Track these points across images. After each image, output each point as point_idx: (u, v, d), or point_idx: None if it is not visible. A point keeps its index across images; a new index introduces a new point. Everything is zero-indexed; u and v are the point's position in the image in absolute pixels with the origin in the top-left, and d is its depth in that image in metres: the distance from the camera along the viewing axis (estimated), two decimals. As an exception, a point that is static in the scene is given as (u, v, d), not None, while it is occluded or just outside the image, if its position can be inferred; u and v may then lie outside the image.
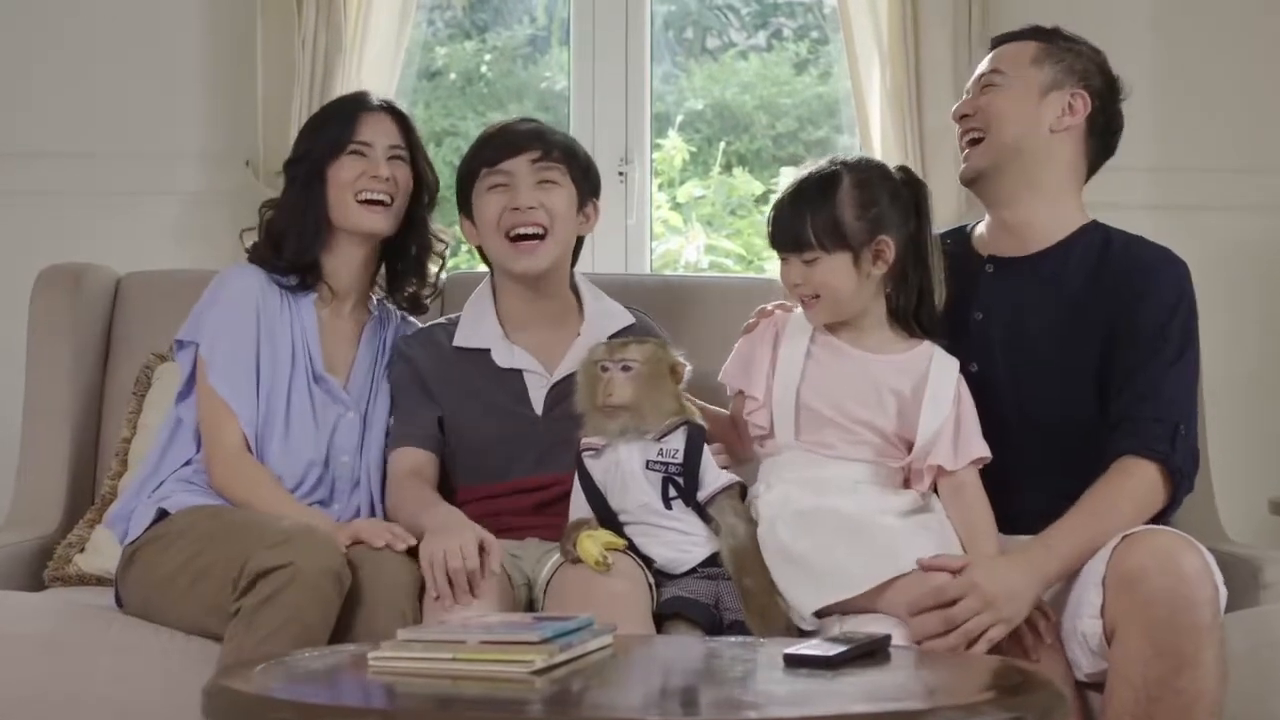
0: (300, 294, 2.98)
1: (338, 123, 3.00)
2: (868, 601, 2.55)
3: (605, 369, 2.70)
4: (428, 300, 3.12)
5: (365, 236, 2.99)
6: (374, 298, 3.09)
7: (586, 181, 2.98)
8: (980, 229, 2.91)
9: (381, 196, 2.96)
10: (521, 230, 2.90)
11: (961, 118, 2.85)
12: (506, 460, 2.91)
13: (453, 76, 4.37)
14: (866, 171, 2.69)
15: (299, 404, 2.93)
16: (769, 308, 2.84)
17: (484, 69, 4.37)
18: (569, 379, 2.87)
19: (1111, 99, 2.84)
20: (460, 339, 2.98)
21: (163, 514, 2.83)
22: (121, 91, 3.97)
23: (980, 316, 2.78)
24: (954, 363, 2.70)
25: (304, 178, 2.98)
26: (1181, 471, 2.65)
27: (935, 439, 2.65)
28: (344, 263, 3.01)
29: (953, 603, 2.49)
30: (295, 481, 2.90)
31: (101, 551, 3.11)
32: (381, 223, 2.98)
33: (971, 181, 2.85)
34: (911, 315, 2.71)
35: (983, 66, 2.87)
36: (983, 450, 2.67)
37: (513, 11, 4.34)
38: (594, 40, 4.05)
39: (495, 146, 2.94)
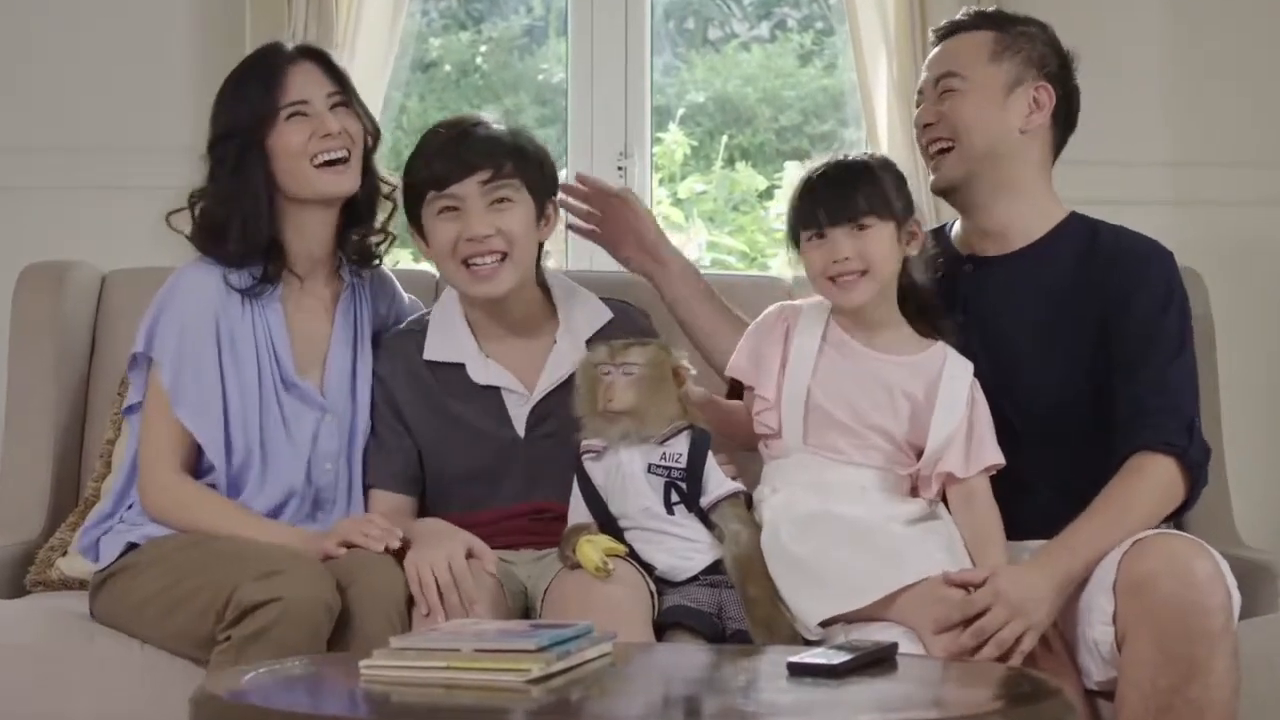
0: (264, 292, 2.84)
1: (262, 86, 2.82)
2: (875, 610, 2.54)
3: (606, 372, 2.68)
4: (381, 247, 2.97)
5: (329, 201, 2.86)
6: (341, 259, 2.95)
7: (543, 184, 2.86)
8: (957, 228, 2.92)
9: (340, 154, 2.82)
10: (477, 260, 2.80)
11: (925, 126, 2.84)
12: (489, 487, 2.86)
13: (447, 68, 4.37)
14: (883, 160, 2.77)
15: (270, 422, 2.83)
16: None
17: (479, 61, 4.38)
18: (550, 397, 2.85)
19: (1069, 79, 2.85)
20: (430, 351, 2.89)
21: (132, 545, 2.78)
22: (107, 84, 3.97)
23: (962, 319, 2.77)
24: (968, 366, 2.70)
25: (236, 155, 2.79)
26: (1199, 465, 2.65)
27: (946, 445, 2.64)
28: (308, 236, 2.87)
29: (980, 615, 2.50)
30: (271, 513, 2.81)
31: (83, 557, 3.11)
32: (347, 182, 2.84)
33: (945, 192, 2.85)
34: (925, 310, 2.71)
35: (936, 66, 2.85)
36: (996, 457, 2.66)
37: (509, 1, 4.35)
38: (592, 31, 4.05)
39: (443, 166, 2.80)
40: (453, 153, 2.81)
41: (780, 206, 4.20)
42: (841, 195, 2.65)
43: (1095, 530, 2.58)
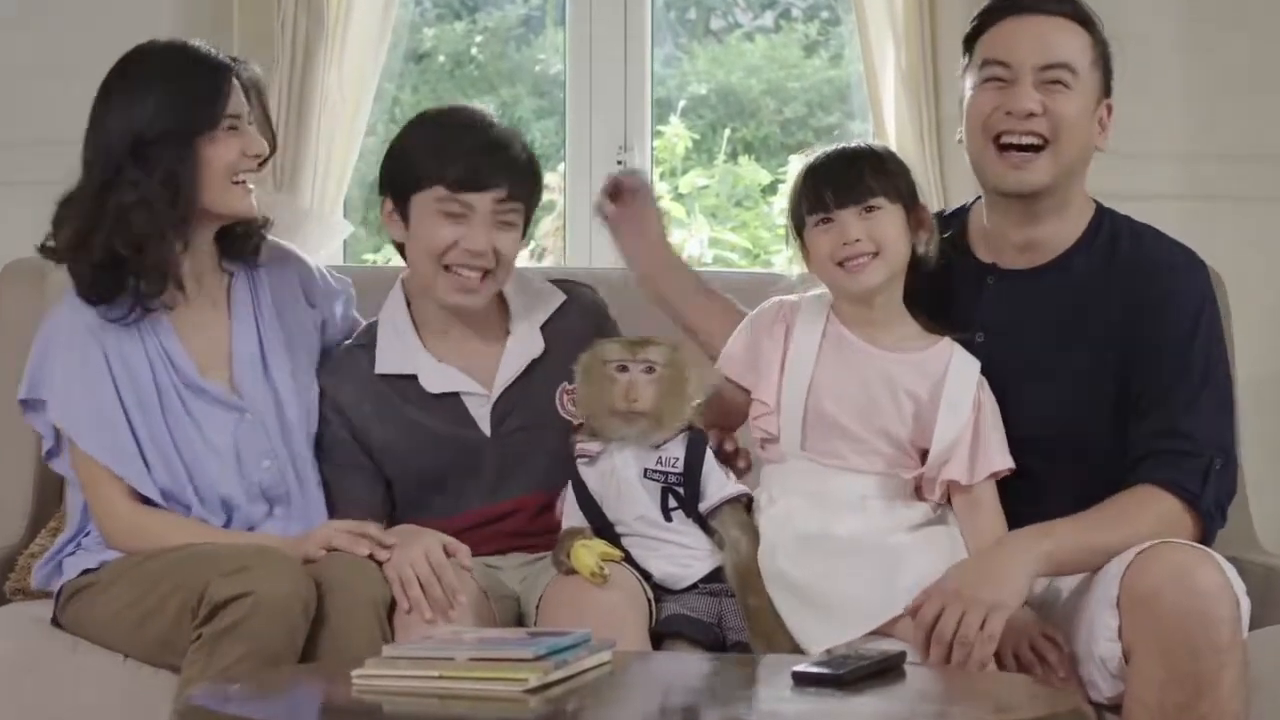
0: (144, 318, 2.78)
1: (208, 87, 2.75)
2: (881, 628, 2.54)
3: (624, 369, 2.66)
4: (259, 234, 2.90)
5: (232, 219, 2.82)
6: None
7: (535, 205, 2.88)
8: (979, 225, 2.80)
9: (255, 175, 2.81)
10: (463, 270, 2.80)
11: (1028, 115, 2.63)
12: (458, 492, 2.85)
13: (441, 59, 4.37)
14: (885, 148, 2.75)
15: (182, 432, 2.79)
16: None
17: (474, 51, 4.38)
18: (510, 391, 2.85)
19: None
20: (382, 364, 2.88)
21: (89, 570, 2.77)
22: (89, 75, 3.95)
23: (982, 338, 2.71)
24: (975, 364, 2.67)
25: (173, 159, 2.71)
26: (1211, 513, 2.60)
27: (951, 450, 2.62)
28: (199, 251, 2.82)
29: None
30: (219, 525, 2.80)
31: (66, 562, 3.10)
32: (254, 201, 2.82)
33: (1022, 196, 2.69)
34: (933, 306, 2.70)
35: (1045, 51, 2.65)
36: (1003, 462, 2.63)
37: (505, -10, 4.36)
38: (591, 21, 4.05)
39: (466, 170, 2.78)
40: (479, 160, 2.79)
41: (785, 202, 4.20)
42: (849, 177, 2.63)
43: (1079, 524, 2.54)
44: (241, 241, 2.90)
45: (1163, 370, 2.64)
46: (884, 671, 2.23)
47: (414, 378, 2.87)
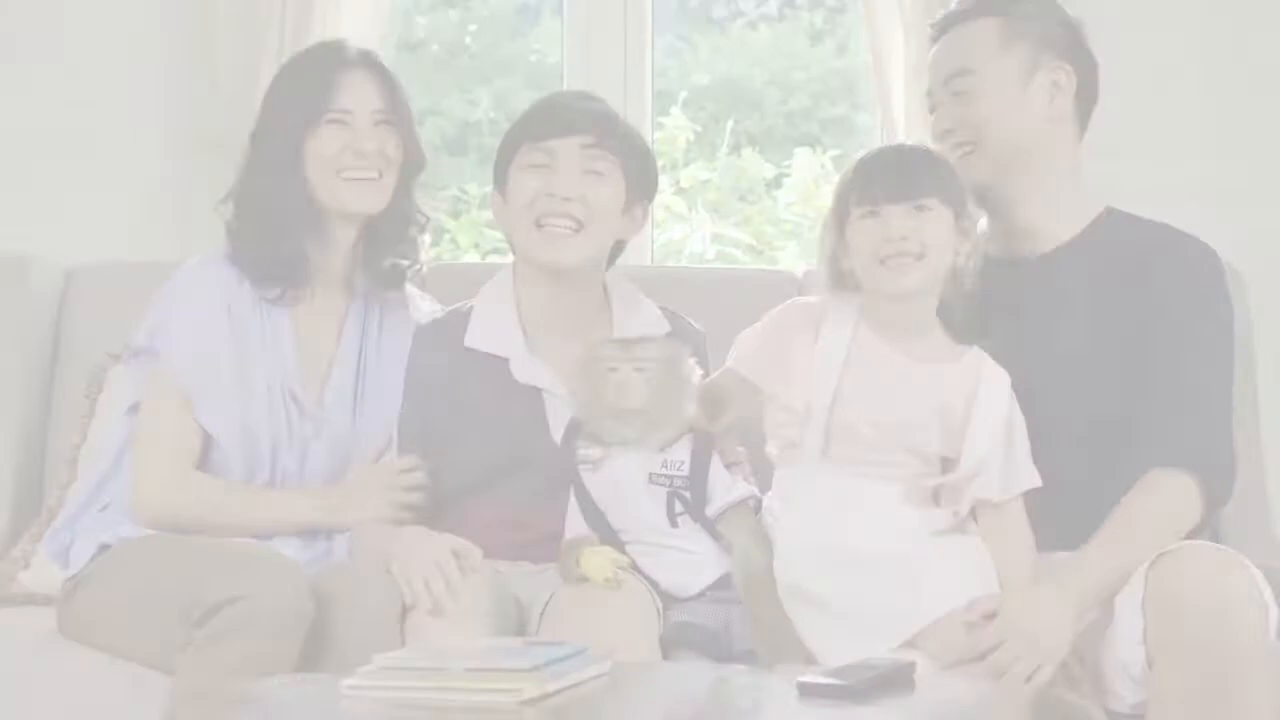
0: (296, 301, 2.90)
1: (312, 85, 2.90)
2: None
3: (614, 368, 2.67)
4: (408, 270, 3.02)
5: (353, 217, 2.92)
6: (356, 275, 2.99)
7: (641, 181, 2.90)
8: (982, 226, 2.84)
9: (369, 174, 2.89)
10: (553, 221, 2.84)
11: (945, 131, 2.82)
12: (507, 488, 2.84)
13: (435, 48, 4.38)
14: (940, 153, 2.75)
15: (278, 434, 2.86)
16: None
17: (468, 40, 4.39)
18: None
19: (1084, 52, 2.83)
20: (473, 338, 2.89)
21: (104, 547, 2.79)
22: (68, 64, 3.97)
23: (1001, 326, 2.71)
24: (1004, 376, 2.67)
25: (280, 153, 2.88)
26: (1214, 477, 2.64)
27: (981, 465, 2.62)
28: (333, 249, 2.92)
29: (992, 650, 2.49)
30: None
31: (49, 567, 3.10)
32: (372, 200, 2.89)
33: (974, 189, 2.78)
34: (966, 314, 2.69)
35: (942, 66, 2.83)
36: (1032, 480, 2.64)
37: (500, -23, 4.37)
38: (589, 9, 4.06)
39: (544, 121, 2.87)
40: (560, 113, 2.88)
41: (790, 196, 4.22)
42: (902, 173, 2.64)
43: (1107, 550, 2.57)
44: (384, 274, 2.98)
45: (1169, 345, 2.70)
46: (892, 682, 2.23)
47: (503, 361, 2.87)
